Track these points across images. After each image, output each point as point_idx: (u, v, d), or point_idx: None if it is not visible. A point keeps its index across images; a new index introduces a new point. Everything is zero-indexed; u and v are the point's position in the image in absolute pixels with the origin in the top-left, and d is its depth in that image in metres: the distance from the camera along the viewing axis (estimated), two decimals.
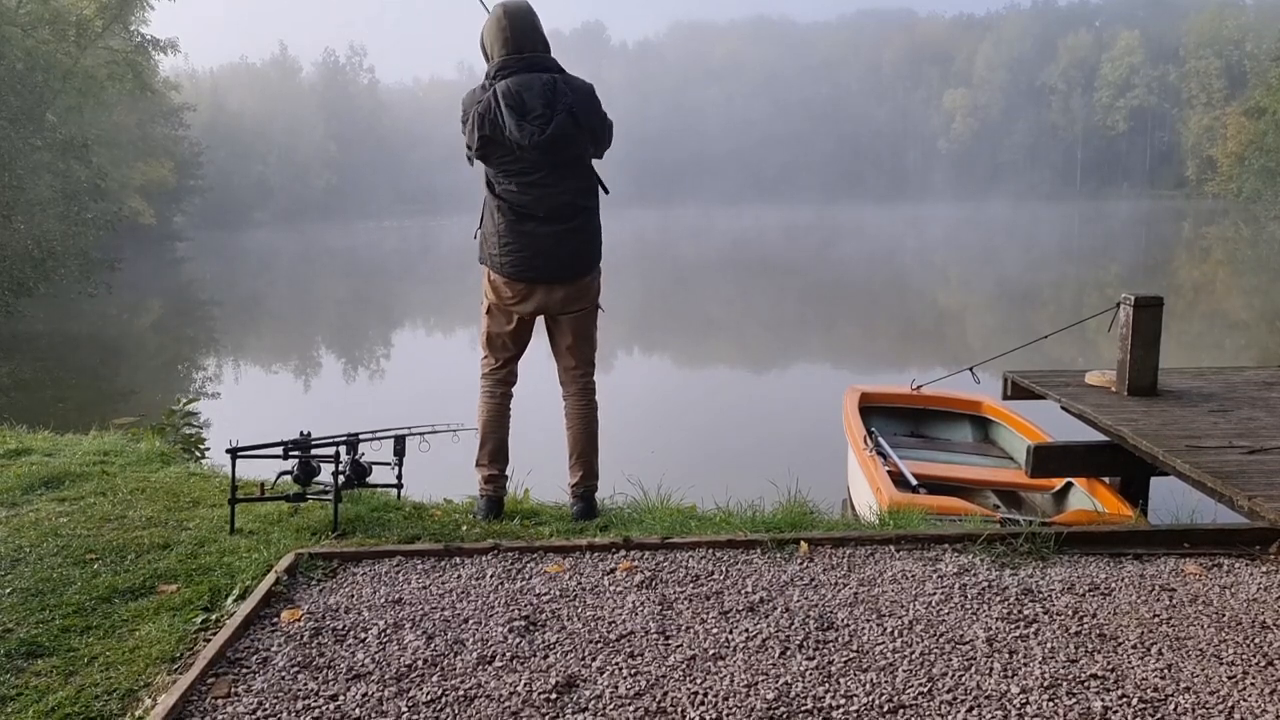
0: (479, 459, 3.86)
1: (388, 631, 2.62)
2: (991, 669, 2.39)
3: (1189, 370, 6.72)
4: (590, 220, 3.78)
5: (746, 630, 2.61)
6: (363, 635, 2.60)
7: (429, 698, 2.26)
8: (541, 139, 3.51)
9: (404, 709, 2.21)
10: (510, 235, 3.66)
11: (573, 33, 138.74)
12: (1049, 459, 5.55)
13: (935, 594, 2.86)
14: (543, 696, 2.26)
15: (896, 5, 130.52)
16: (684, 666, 2.41)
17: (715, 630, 2.62)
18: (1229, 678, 2.35)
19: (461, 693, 2.29)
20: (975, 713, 2.18)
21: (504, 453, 3.90)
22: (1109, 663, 2.42)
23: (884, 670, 2.39)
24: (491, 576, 3.01)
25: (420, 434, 3.96)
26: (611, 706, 2.22)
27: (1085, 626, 2.63)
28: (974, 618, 2.69)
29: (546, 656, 2.48)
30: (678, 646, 2.53)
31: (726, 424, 11.08)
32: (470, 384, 4.02)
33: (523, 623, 2.66)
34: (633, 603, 2.79)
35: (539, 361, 4.06)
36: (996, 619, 2.68)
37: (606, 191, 3.85)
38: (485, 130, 3.56)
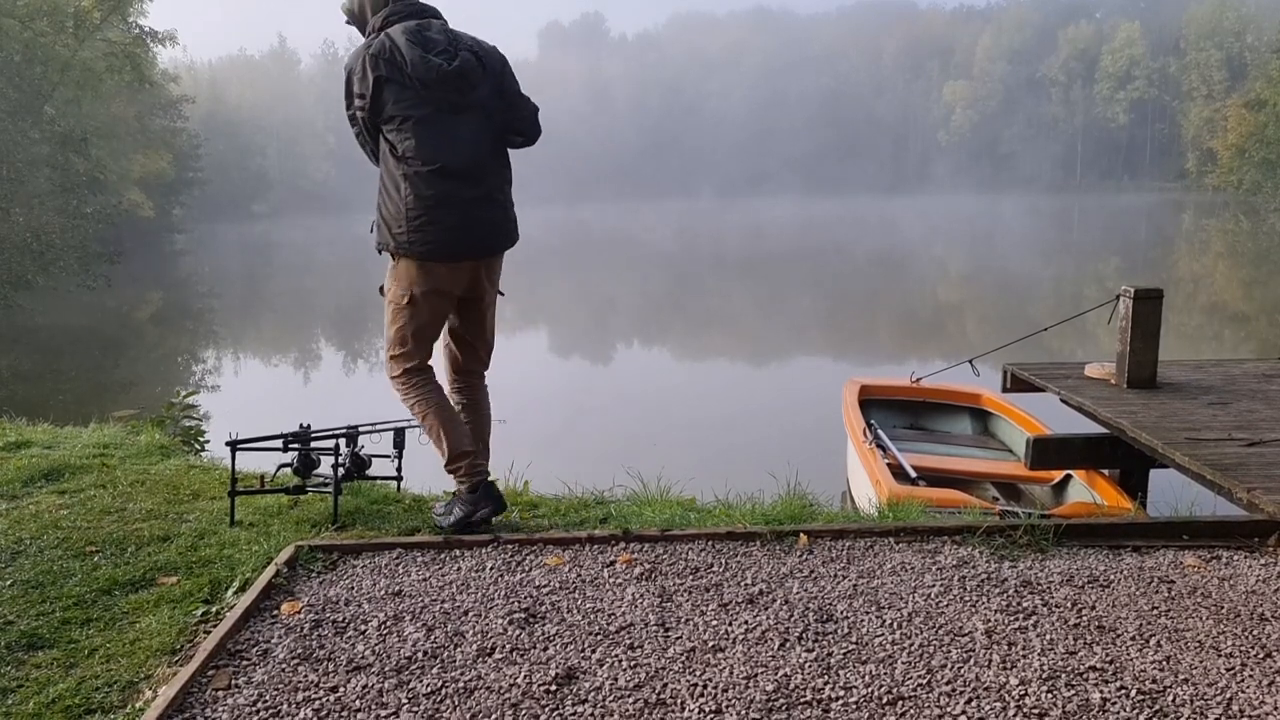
0: (453, 454, 3.39)
1: (388, 623, 2.62)
2: (990, 661, 2.39)
3: (1188, 363, 6.72)
4: (509, 189, 3.47)
5: (746, 622, 2.61)
6: (363, 627, 2.60)
7: (429, 689, 2.27)
8: (449, 69, 3.19)
9: (404, 700, 2.22)
10: (424, 207, 3.23)
11: (572, 24, 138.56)
12: (1048, 451, 5.56)
13: (934, 586, 2.86)
14: (542, 688, 2.27)
15: None
16: (683, 658, 2.42)
17: (715, 622, 2.62)
18: (1227, 669, 2.35)
19: (461, 684, 2.29)
20: (974, 704, 2.18)
21: (467, 435, 3.46)
22: (1108, 654, 2.42)
23: (883, 662, 2.39)
24: (491, 569, 3.01)
25: (420, 427, 3.96)
26: (611, 698, 2.23)
27: (1084, 618, 2.64)
28: (973, 610, 2.70)
29: (546, 648, 2.48)
30: (677, 638, 2.53)
31: (726, 417, 11.09)
32: None
33: (522, 615, 2.66)
34: (632, 595, 2.80)
35: (534, 352, 4.06)
36: (995, 611, 2.69)
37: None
38: (380, 70, 3.18)
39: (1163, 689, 2.25)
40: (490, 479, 3.48)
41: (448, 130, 3.25)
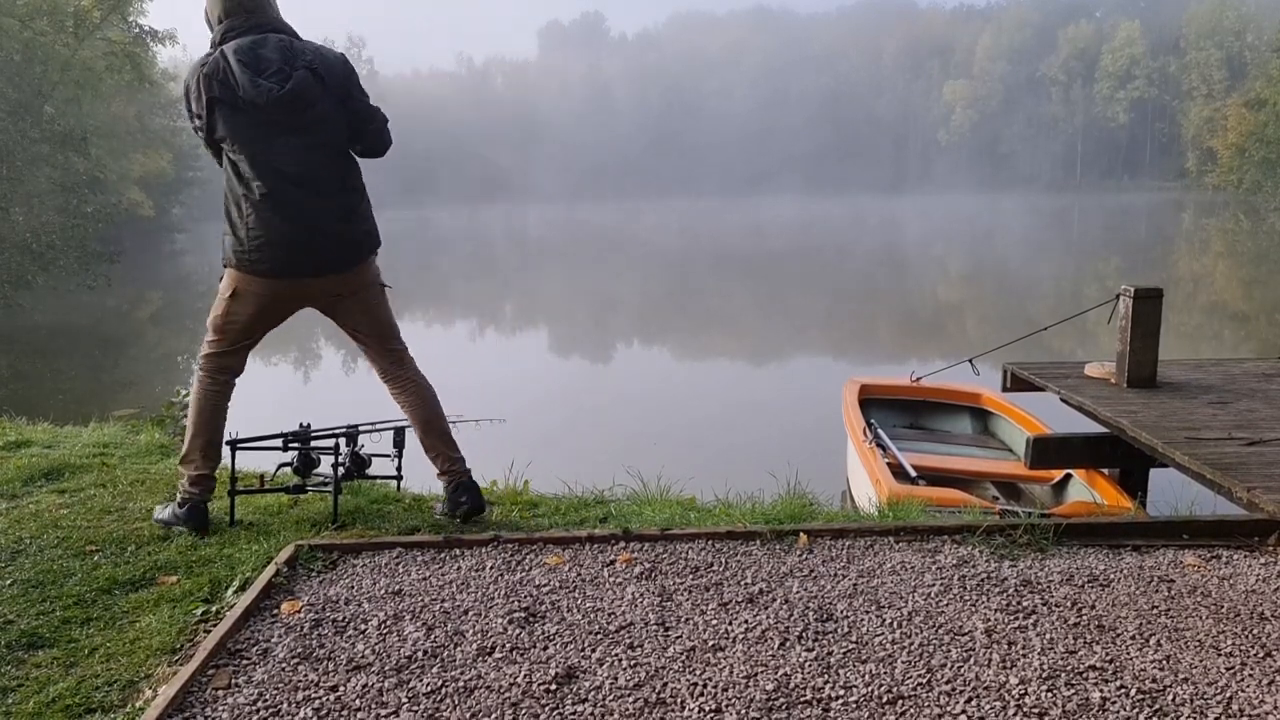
0: (185, 454, 3.40)
1: (388, 623, 2.62)
2: (990, 660, 2.39)
3: (1188, 362, 6.73)
4: (359, 202, 3.43)
5: (746, 621, 2.61)
6: (363, 626, 2.60)
7: (429, 689, 2.27)
8: (281, 94, 3.14)
9: (404, 700, 2.22)
10: (261, 224, 3.23)
11: (572, 24, 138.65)
12: (1048, 451, 5.56)
13: (934, 585, 2.86)
14: (542, 687, 2.27)
15: None
16: (683, 658, 2.42)
17: (715, 621, 2.62)
18: (1227, 669, 2.35)
19: (461, 684, 2.29)
20: (974, 703, 2.18)
21: (217, 450, 3.45)
22: (1108, 654, 2.42)
23: (883, 661, 2.39)
24: (491, 568, 3.01)
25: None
26: (611, 697, 2.23)
27: (1084, 618, 2.64)
28: (973, 609, 2.70)
29: (546, 648, 2.48)
30: (677, 638, 2.53)
31: (726, 416, 11.08)
32: (470, 377, 4.01)
33: (522, 614, 2.66)
34: (632, 594, 2.80)
35: (534, 351, 4.06)
36: (995, 610, 2.69)
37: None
38: (214, 91, 3.15)
39: (1162, 688, 2.25)
40: (204, 504, 3.41)
41: (282, 152, 3.23)
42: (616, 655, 2.43)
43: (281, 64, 3.18)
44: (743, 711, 2.15)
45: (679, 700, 2.21)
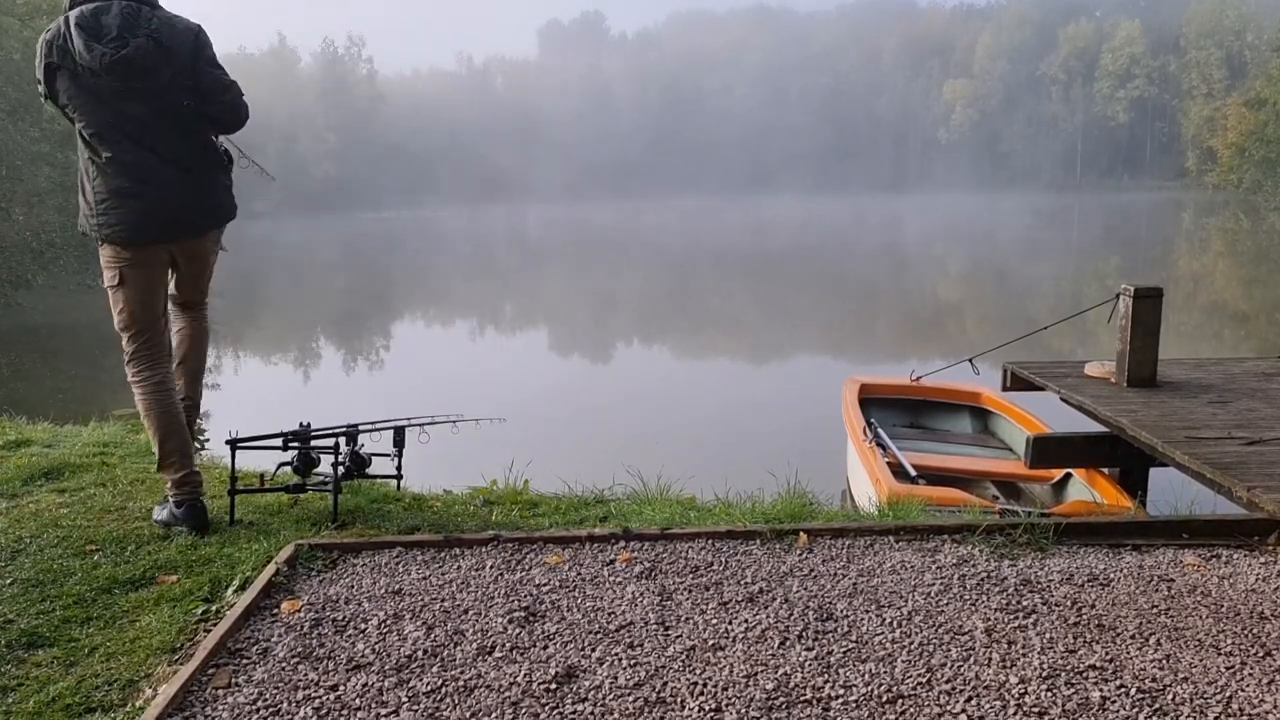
0: (163, 460, 3.42)
1: (388, 622, 2.62)
2: (990, 659, 2.39)
3: (1188, 361, 6.73)
4: (208, 171, 3.45)
5: (746, 621, 2.62)
6: (363, 626, 2.60)
7: (429, 688, 2.27)
8: (114, 59, 3.15)
9: (404, 699, 2.22)
10: (106, 189, 3.28)
11: (572, 22, 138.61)
12: (1048, 450, 5.56)
13: (934, 585, 2.86)
14: (542, 687, 2.27)
15: None
16: (683, 657, 2.42)
17: (715, 621, 2.62)
18: (1227, 668, 2.35)
19: (461, 683, 2.29)
20: (974, 703, 2.18)
21: (189, 444, 3.49)
22: (1107, 653, 2.42)
23: (883, 660, 2.39)
24: (491, 567, 3.01)
25: (420, 425, 3.96)
26: (611, 697, 2.23)
27: (1084, 617, 2.64)
28: (973, 608, 2.70)
29: (546, 647, 2.48)
30: (677, 637, 2.53)
31: (726, 415, 11.08)
32: (469, 375, 4.01)
33: (522, 613, 2.66)
34: (632, 593, 2.80)
35: (534, 350, 4.06)
36: (995, 609, 2.69)
37: (230, 161, 3.56)
38: (53, 57, 3.19)
39: (1162, 687, 2.25)
40: (199, 500, 3.43)
41: (122, 119, 3.26)
42: (616, 654, 2.43)
43: (121, 30, 3.19)
44: (743, 711, 2.15)
45: (679, 699, 2.21)
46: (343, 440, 3.72)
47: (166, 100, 3.31)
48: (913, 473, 6.09)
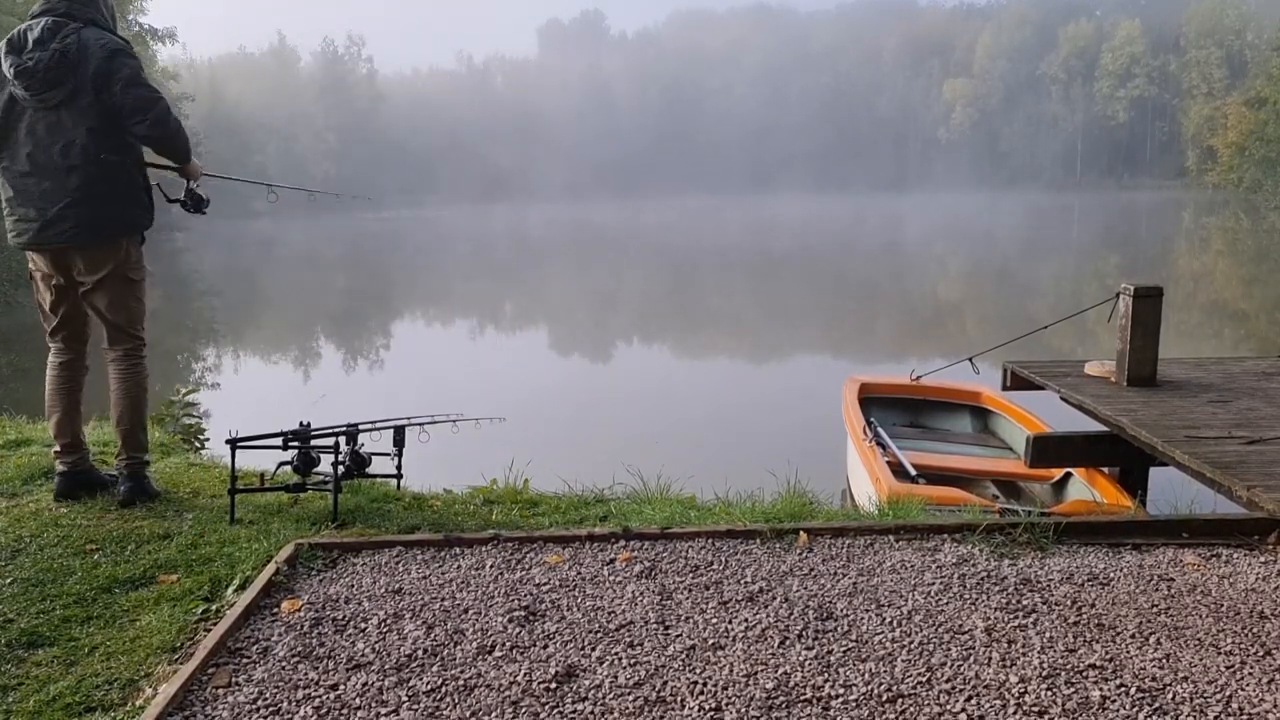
0: (51, 429, 3.79)
1: (388, 621, 2.62)
2: (990, 659, 2.39)
3: (1188, 360, 6.72)
4: (108, 184, 3.57)
5: (746, 620, 2.62)
6: (363, 625, 2.60)
7: (429, 687, 2.27)
8: (19, 69, 3.37)
9: (404, 698, 2.22)
10: (12, 193, 3.54)
11: (572, 22, 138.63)
12: (1048, 449, 5.56)
13: (934, 584, 2.86)
14: (542, 686, 2.27)
15: None
16: (683, 656, 2.42)
17: (715, 620, 2.62)
18: (1227, 667, 2.36)
19: (461, 682, 2.29)
20: (974, 702, 2.18)
21: (73, 423, 3.79)
22: (1107, 652, 2.42)
23: (883, 660, 2.39)
24: (491, 567, 3.01)
25: (420, 424, 3.97)
26: (611, 696, 2.23)
27: (1084, 616, 2.64)
28: (973, 608, 2.70)
29: (546, 646, 2.48)
30: (677, 636, 2.53)
31: (726, 414, 11.08)
32: (469, 374, 4.02)
33: (522, 613, 2.67)
34: (632, 593, 2.80)
35: (534, 350, 4.07)
36: (995, 609, 2.69)
37: (142, 164, 3.73)
38: None
39: (1162, 687, 2.26)
40: (74, 471, 3.76)
41: (26, 129, 3.47)
42: (616, 654, 2.43)
43: (36, 44, 3.40)
44: (742, 710, 2.15)
45: (679, 699, 2.21)
46: (343, 439, 3.73)
47: (71, 111, 3.46)
48: (913, 472, 6.08)
